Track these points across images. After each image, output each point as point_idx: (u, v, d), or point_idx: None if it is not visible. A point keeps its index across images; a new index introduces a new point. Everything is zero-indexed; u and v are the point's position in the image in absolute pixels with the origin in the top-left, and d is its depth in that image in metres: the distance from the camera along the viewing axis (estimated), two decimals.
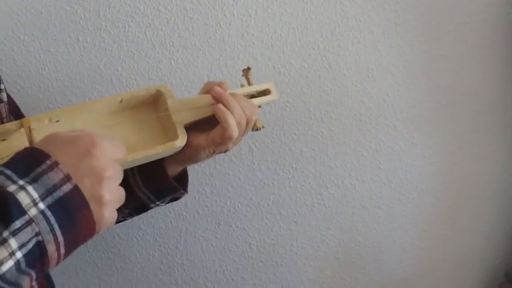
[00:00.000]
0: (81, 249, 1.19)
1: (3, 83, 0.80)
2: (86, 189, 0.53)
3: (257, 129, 0.85)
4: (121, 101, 0.76)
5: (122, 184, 0.86)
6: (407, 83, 1.23)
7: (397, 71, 1.22)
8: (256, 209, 1.23)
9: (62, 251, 0.52)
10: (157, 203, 0.88)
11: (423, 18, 1.20)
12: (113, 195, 0.56)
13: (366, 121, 1.23)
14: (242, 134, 0.81)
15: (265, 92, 0.88)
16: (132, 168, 0.85)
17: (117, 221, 0.91)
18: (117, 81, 1.12)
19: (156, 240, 1.22)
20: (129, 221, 1.17)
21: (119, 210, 0.88)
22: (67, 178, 0.52)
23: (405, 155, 1.26)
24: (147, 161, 0.76)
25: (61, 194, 0.52)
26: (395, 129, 1.24)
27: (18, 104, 0.90)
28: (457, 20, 1.22)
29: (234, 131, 0.78)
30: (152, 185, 0.85)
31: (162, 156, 0.78)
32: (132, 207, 0.89)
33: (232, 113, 0.78)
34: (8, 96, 0.83)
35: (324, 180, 1.24)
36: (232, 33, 1.14)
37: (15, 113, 0.85)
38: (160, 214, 1.20)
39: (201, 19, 1.12)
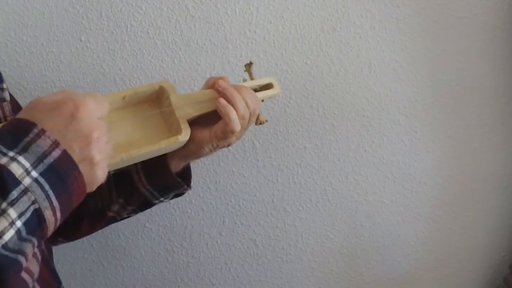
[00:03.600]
0: (87, 248, 1.20)
1: (5, 83, 0.81)
2: (75, 153, 0.55)
3: (260, 123, 0.85)
4: (124, 98, 0.76)
5: (125, 181, 0.87)
6: (410, 78, 1.23)
7: (400, 66, 1.22)
8: (260, 206, 1.24)
9: (58, 215, 0.54)
10: (161, 199, 0.88)
11: (425, 13, 1.20)
12: (102, 153, 0.57)
13: (369, 116, 1.23)
14: (245, 127, 0.82)
15: (267, 86, 0.88)
16: (135, 165, 0.85)
17: (121, 218, 0.92)
18: (120, 81, 1.12)
19: (162, 238, 1.22)
20: (134, 220, 1.18)
21: (123, 207, 0.89)
22: (55, 144, 0.54)
23: (408, 150, 1.26)
24: (151, 156, 0.76)
25: (51, 160, 0.53)
26: (398, 124, 1.24)
27: (21, 105, 0.91)
28: (458, 15, 1.21)
29: (236, 125, 0.78)
30: (156, 181, 0.86)
31: (166, 151, 0.78)
32: (136, 204, 0.89)
33: (235, 107, 0.78)
34: (11, 95, 0.83)
35: (328, 175, 1.24)
36: (234, 31, 1.14)
37: (18, 112, 0.86)
38: (165, 212, 1.20)
39: (203, 17, 1.13)
